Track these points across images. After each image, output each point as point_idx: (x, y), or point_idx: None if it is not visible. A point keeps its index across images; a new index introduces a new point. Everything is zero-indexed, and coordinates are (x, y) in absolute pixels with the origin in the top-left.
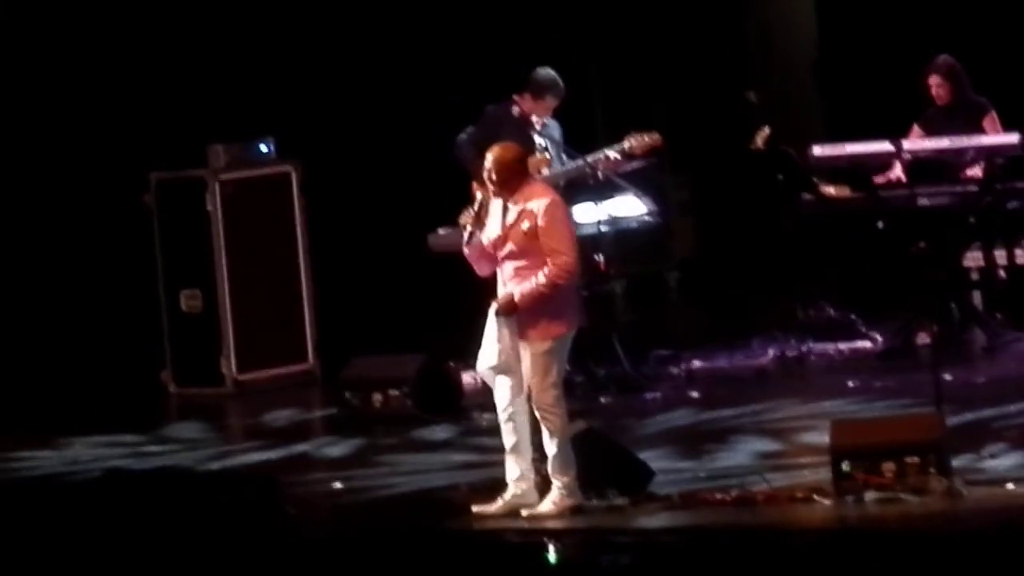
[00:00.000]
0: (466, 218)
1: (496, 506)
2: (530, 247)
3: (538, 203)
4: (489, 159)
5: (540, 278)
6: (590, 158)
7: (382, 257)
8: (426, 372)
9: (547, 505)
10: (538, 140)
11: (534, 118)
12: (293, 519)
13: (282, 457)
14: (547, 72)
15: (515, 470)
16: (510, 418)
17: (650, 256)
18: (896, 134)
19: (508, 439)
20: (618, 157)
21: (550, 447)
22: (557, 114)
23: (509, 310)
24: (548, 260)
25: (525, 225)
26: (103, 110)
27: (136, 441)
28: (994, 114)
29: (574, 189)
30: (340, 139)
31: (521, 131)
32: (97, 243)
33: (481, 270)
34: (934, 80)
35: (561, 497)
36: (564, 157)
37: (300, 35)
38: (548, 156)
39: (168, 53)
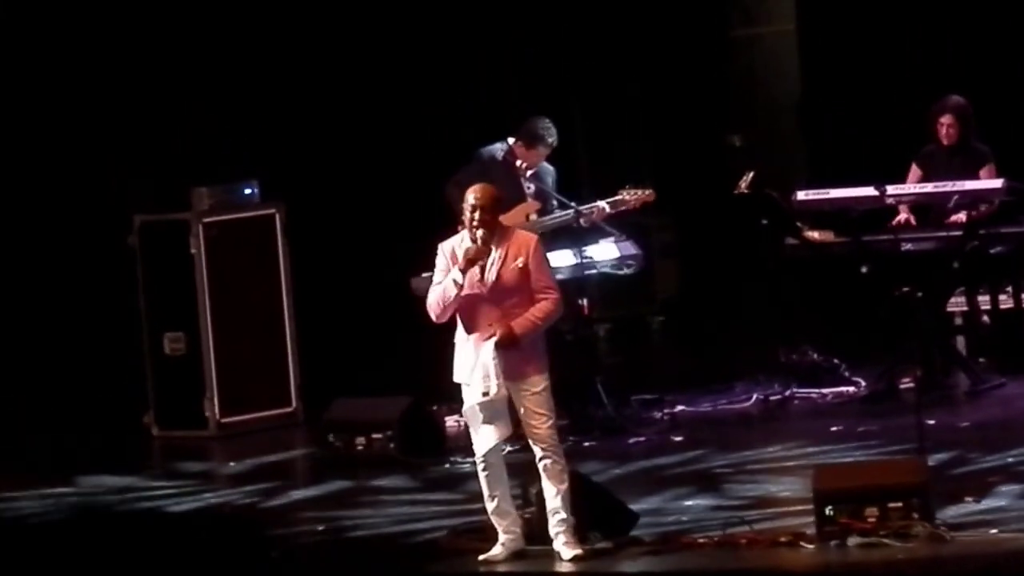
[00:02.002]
0: (479, 253)
1: (498, 552)
2: (521, 284)
3: (524, 241)
4: (477, 198)
5: (536, 312)
6: (581, 208)
7: (365, 300)
8: (409, 416)
9: (575, 548)
10: (527, 186)
11: (519, 163)
12: (277, 563)
13: (265, 500)
14: (542, 122)
15: (506, 515)
16: (492, 464)
17: (633, 299)
18: (880, 176)
19: (493, 485)
20: (608, 210)
21: (560, 486)
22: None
23: (511, 343)
24: (541, 296)
25: (519, 263)
26: (87, 152)
27: (119, 484)
28: (993, 166)
29: (558, 233)
30: (324, 182)
31: (510, 175)
32: (81, 285)
33: (444, 315)
34: (946, 119)
35: (575, 536)
36: (554, 203)
37: (284, 79)
38: (538, 203)
39: (152, 96)
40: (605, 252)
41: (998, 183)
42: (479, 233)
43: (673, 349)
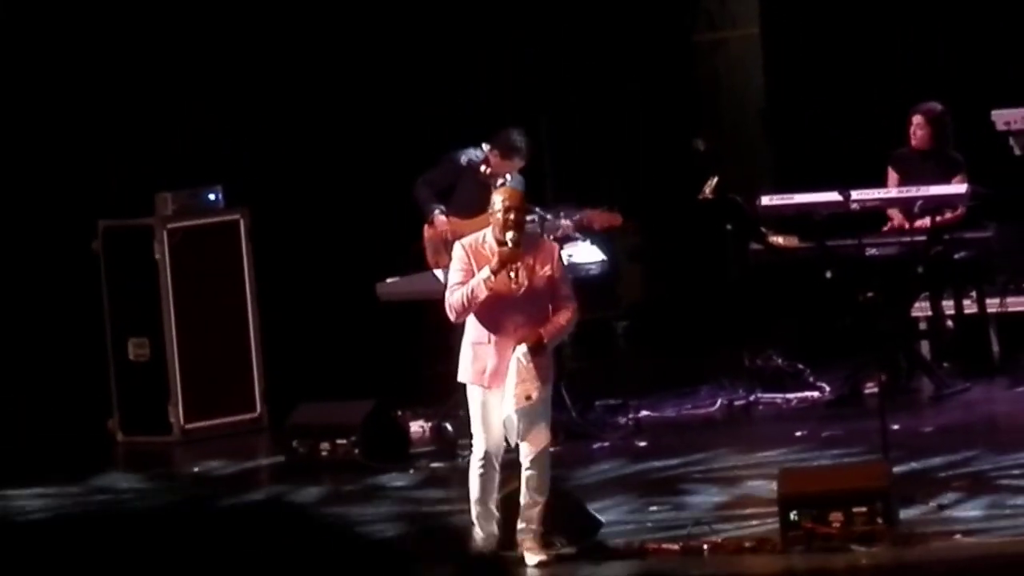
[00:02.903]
0: (514, 255)
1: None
2: (547, 292)
3: (550, 249)
4: (507, 199)
5: (561, 320)
6: (547, 219)
7: (330, 305)
8: (373, 420)
9: (539, 554)
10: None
11: (483, 169)
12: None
13: (228, 505)
14: (518, 135)
15: (491, 519)
16: (492, 466)
17: (597, 304)
18: (845, 181)
19: (487, 488)
20: (572, 228)
21: (540, 498)
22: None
23: (542, 350)
24: (562, 304)
25: (547, 270)
26: (51, 157)
27: (82, 490)
28: (965, 175)
29: None
30: (288, 187)
31: (480, 181)
32: (45, 290)
33: (465, 316)
34: (916, 120)
35: (540, 542)
36: None
37: (248, 83)
38: None
39: (115, 101)
40: (568, 255)
41: (962, 188)
42: (510, 235)
43: (637, 354)
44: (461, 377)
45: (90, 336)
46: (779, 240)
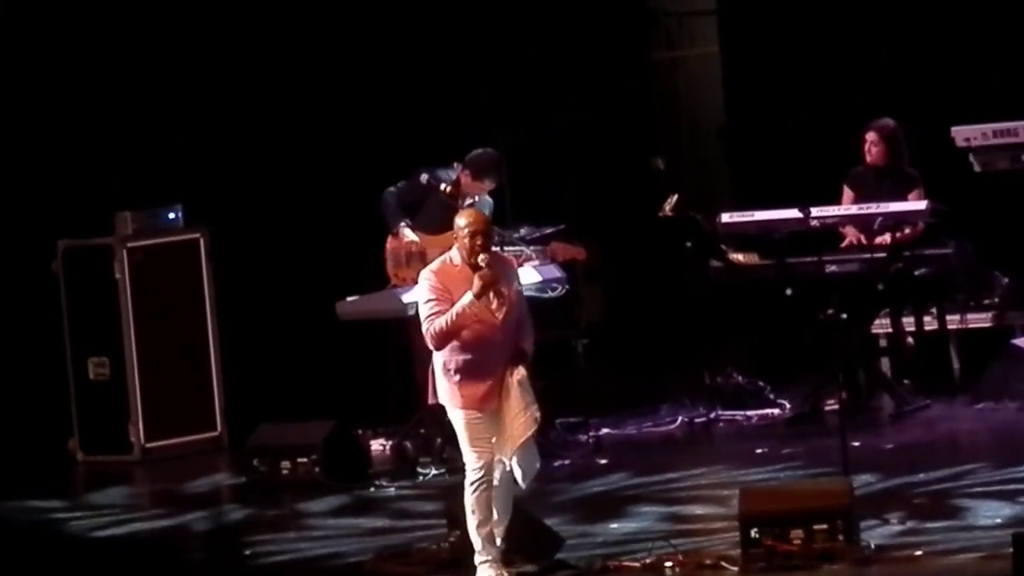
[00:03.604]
0: (495, 278)
1: None
2: (518, 306)
3: (510, 264)
4: (472, 223)
5: (531, 341)
6: (510, 248)
7: (290, 324)
8: (333, 440)
9: (501, 573)
10: None
11: (443, 187)
12: None
13: (190, 525)
14: (491, 155)
15: (493, 538)
16: (490, 482)
17: (557, 323)
18: (803, 198)
19: (486, 506)
20: (534, 259)
21: (507, 516)
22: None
23: (529, 371)
24: (524, 320)
25: (516, 284)
26: (10, 177)
27: (43, 509)
28: (921, 190)
29: None
30: (248, 206)
31: (444, 200)
32: (4, 310)
33: (445, 343)
34: (870, 136)
35: (501, 560)
36: None
37: (207, 103)
38: None
39: (75, 120)
40: (529, 276)
41: (922, 205)
42: (481, 259)
43: (598, 372)
44: (447, 402)
45: (50, 356)
46: (739, 257)
